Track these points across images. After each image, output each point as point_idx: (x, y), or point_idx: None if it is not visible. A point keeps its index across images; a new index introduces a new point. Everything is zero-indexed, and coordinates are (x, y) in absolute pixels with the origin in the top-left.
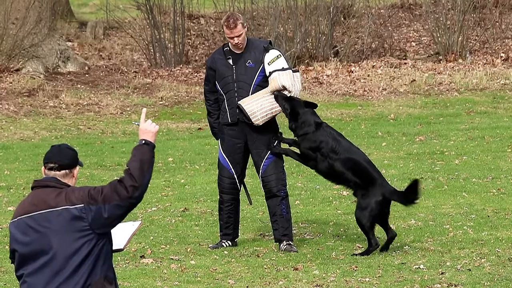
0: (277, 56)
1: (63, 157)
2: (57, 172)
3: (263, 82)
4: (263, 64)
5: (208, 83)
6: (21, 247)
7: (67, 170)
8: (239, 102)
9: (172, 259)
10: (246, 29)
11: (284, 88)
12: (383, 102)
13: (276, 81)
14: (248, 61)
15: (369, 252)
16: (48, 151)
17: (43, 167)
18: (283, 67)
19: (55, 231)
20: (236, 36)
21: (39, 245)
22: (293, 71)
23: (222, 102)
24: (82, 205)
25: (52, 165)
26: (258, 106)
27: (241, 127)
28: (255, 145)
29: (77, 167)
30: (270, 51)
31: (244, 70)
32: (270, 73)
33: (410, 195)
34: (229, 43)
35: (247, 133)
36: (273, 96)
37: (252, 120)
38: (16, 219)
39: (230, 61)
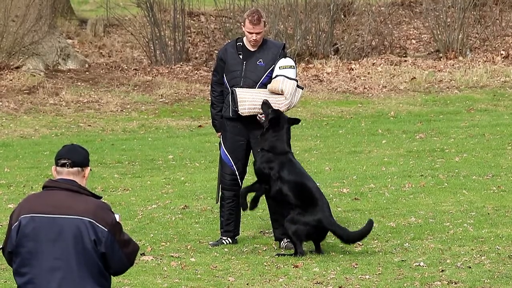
0: (291, 66)
1: (76, 155)
2: (70, 170)
3: (269, 83)
4: (274, 66)
5: (216, 74)
6: (32, 245)
7: (79, 168)
8: (235, 89)
9: (172, 256)
10: (266, 28)
11: (282, 93)
12: (383, 100)
13: (278, 82)
14: (260, 60)
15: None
16: (60, 150)
17: (53, 166)
18: (290, 77)
19: (74, 237)
20: (256, 33)
21: (55, 247)
22: (298, 86)
23: (227, 96)
24: (107, 230)
25: (64, 161)
26: (250, 98)
27: (244, 125)
28: (257, 143)
29: (89, 168)
30: (287, 58)
31: (254, 67)
32: (277, 75)
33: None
34: (245, 38)
35: (249, 131)
36: (268, 94)
37: (239, 108)
38: (29, 215)
39: (241, 57)
